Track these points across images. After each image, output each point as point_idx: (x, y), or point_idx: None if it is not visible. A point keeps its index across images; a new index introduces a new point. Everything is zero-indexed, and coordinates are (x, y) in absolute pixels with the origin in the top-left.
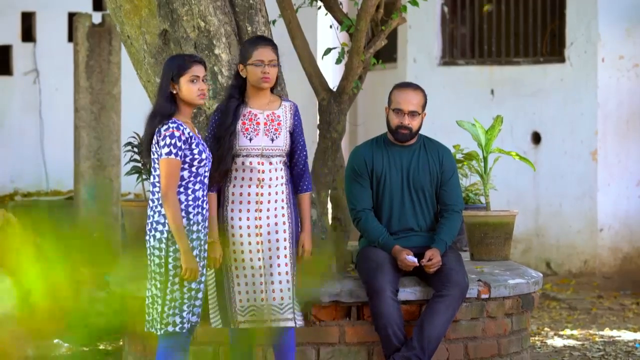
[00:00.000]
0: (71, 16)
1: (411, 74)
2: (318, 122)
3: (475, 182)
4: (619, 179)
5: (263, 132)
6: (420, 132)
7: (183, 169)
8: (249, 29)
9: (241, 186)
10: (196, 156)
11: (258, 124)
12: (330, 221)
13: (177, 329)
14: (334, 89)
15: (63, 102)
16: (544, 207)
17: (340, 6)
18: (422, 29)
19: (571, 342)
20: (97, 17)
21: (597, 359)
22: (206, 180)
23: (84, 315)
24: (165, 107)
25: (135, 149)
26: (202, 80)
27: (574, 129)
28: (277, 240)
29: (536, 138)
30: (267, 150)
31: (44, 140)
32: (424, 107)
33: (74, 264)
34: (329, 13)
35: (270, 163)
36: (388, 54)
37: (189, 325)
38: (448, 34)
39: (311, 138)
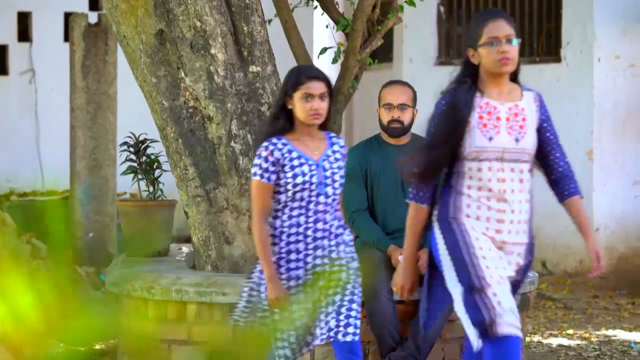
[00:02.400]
0: (67, 16)
1: (407, 73)
2: None
3: None
4: (615, 178)
5: (505, 130)
6: (415, 131)
7: (279, 192)
8: (245, 28)
9: (477, 199)
10: (289, 179)
11: (499, 119)
12: None
13: None
14: None
15: (59, 102)
16: (540, 207)
17: (336, 6)
18: (418, 29)
19: (567, 342)
20: (93, 17)
21: (593, 359)
22: (312, 206)
23: (80, 315)
24: (271, 123)
25: (131, 149)
26: (320, 98)
27: (569, 128)
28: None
29: None
30: (509, 153)
31: (40, 140)
32: (414, 101)
33: (70, 264)
34: (325, 13)
35: (512, 170)
36: (384, 54)
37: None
38: (444, 34)
39: None
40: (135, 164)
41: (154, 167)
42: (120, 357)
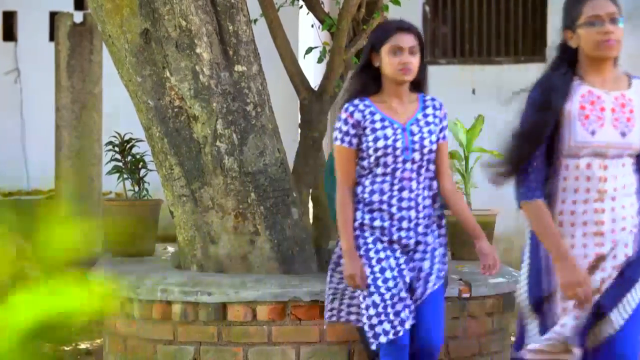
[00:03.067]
0: (52, 15)
1: None
2: (299, 122)
3: (457, 182)
4: None
5: (610, 123)
6: None
7: (362, 158)
8: (231, 28)
9: (573, 202)
10: (370, 143)
11: (603, 109)
12: (311, 220)
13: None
14: (316, 89)
15: (44, 101)
16: None
17: (322, 5)
18: None
19: None
20: (78, 17)
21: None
22: (397, 173)
23: (64, 314)
24: (354, 83)
25: (117, 149)
26: (411, 53)
27: None
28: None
29: None
30: (614, 148)
31: (25, 139)
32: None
33: (54, 263)
34: (310, 12)
35: (618, 167)
36: None
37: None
38: (430, 34)
39: (292, 137)
40: (120, 164)
41: (140, 166)
42: (105, 357)
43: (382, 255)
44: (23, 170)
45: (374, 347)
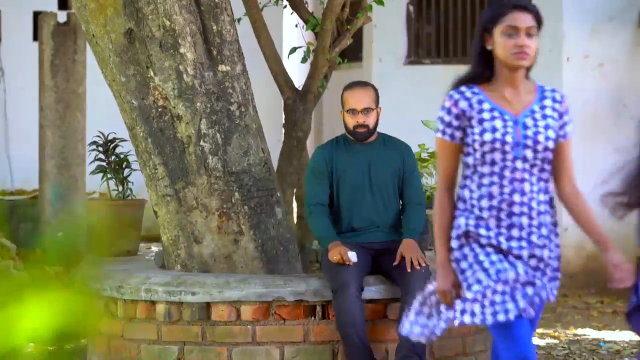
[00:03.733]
0: (36, 15)
1: (377, 73)
2: (284, 122)
3: None
4: (584, 178)
5: None
6: (385, 131)
7: (467, 154)
8: (215, 28)
9: None
10: (477, 137)
11: None
12: (295, 220)
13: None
14: (300, 89)
15: (28, 101)
16: None
17: (306, 5)
18: (388, 29)
19: (536, 341)
20: (62, 16)
21: (562, 358)
22: (507, 173)
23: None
24: (471, 69)
25: (101, 149)
26: (528, 35)
27: None
28: None
29: None
30: None
31: (9, 139)
32: (377, 102)
33: (39, 264)
34: (294, 12)
35: None
36: (354, 54)
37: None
38: (414, 34)
39: (276, 137)
40: (104, 164)
41: (124, 166)
42: (89, 357)
43: (494, 258)
44: (7, 171)
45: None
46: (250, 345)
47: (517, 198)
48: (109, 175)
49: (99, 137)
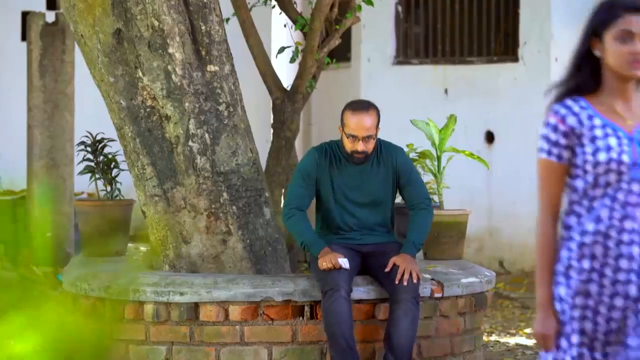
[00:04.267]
0: (25, 15)
1: (365, 73)
2: (272, 121)
3: (429, 181)
4: None
5: None
6: None
7: (575, 176)
8: (203, 28)
9: None
10: (588, 157)
11: None
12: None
13: None
14: (288, 88)
15: (16, 101)
16: (497, 207)
17: (295, 5)
18: (376, 28)
19: (524, 341)
20: (50, 16)
21: None
22: (620, 196)
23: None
24: (569, 78)
25: (89, 148)
26: None
27: (527, 128)
28: None
29: (490, 137)
30: None
31: None
32: (378, 124)
33: (27, 264)
34: (283, 12)
35: None
36: (342, 53)
37: None
38: (402, 34)
39: (265, 137)
40: (92, 164)
41: (112, 166)
42: (76, 357)
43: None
44: None
45: None
46: (238, 345)
47: (628, 225)
48: (97, 175)
49: (87, 137)
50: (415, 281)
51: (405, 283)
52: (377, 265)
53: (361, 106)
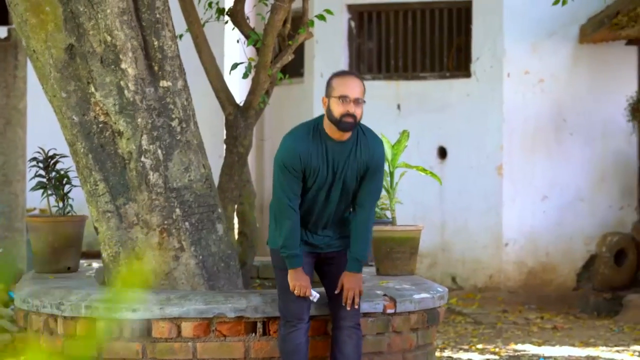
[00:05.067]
0: None
1: (318, 88)
2: (225, 137)
3: (382, 197)
4: (524, 194)
5: None
6: None
7: None
8: (156, 43)
9: None
10: None
11: None
12: (236, 236)
13: None
14: (241, 104)
15: None
16: (450, 222)
17: (247, 21)
18: (329, 44)
19: (477, 357)
20: (2, 31)
21: None
22: None
23: None
24: None
25: (41, 164)
26: None
27: (479, 143)
28: None
29: (442, 153)
30: None
31: None
32: (364, 96)
33: None
34: (236, 28)
35: None
36: (295, 69)
37: None
38: (355, 49)
39: (218, 153)
40: (44, 180)
41: (64, 182)
42: None
43: None
44: None
45: None
46: None
47: None
48: (49, 191)
49: (39, 152)
50: (356, 307)
51: (348, 308)
52: (328, 278)
53: (350, 72)
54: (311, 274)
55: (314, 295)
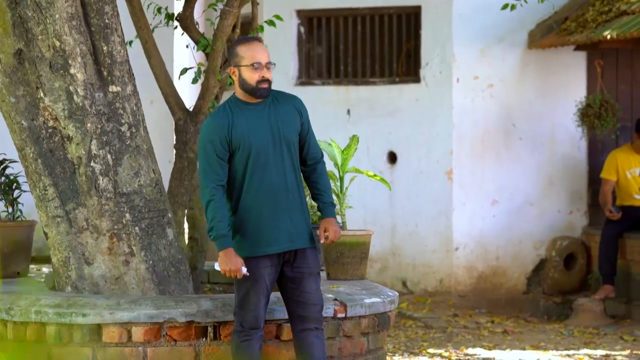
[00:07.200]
0: None
1: None
2: (174, 142)
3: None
4: (474, 198)
5: None
6: None
7: None
8: (105, 48)
9: None
10: None
11: None
12: (186, 241)
13: None
14: (191, 109)
15: None
16: (400, 227)
17: (197, 26)
18: (278, 49)
19: None
20: None
21: None
22: None
23: None
24: None
25: None
26: None
27: (429, 148)
28: None
29: (392, 158)
30: None
31: None
32: None
33: None
34: (185, 33)
35: None
36: None
37: None
38: (304, 54)
39: (167, 158)
40: None
41: (13, 187)
42: None
43: None
44: None
45: None
46: None
47: None
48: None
49: None
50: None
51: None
52: (290, 283)
53: (254, 37)
54: (271, 285)
55: (244, 269)
